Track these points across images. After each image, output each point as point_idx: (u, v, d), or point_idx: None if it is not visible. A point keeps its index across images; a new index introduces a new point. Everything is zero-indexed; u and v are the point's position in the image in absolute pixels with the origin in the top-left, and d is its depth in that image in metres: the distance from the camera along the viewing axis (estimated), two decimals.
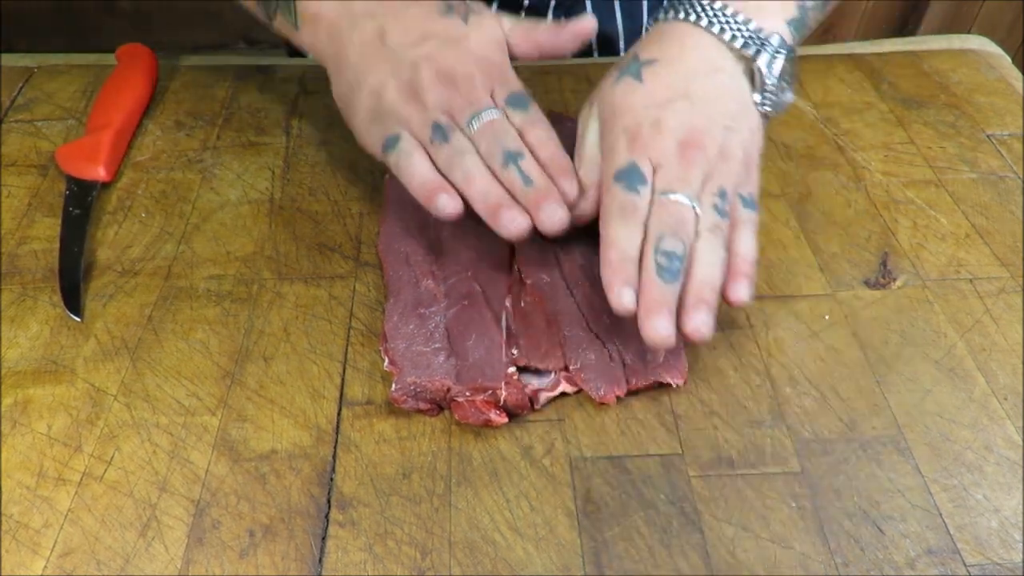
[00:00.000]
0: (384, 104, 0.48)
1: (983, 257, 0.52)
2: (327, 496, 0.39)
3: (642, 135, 0.46)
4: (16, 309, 0.48)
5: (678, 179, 0.45)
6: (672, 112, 0.47)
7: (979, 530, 0.38)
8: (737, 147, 0.47)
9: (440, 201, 0.45)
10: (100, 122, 0.58)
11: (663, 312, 0.41)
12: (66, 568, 0.37)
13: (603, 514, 0.39)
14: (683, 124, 0.46)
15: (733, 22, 0.48)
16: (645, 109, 0.47)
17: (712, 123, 0.47)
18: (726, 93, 0.48)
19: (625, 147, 0.46)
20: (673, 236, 0.43)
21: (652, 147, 0.46)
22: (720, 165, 0.46)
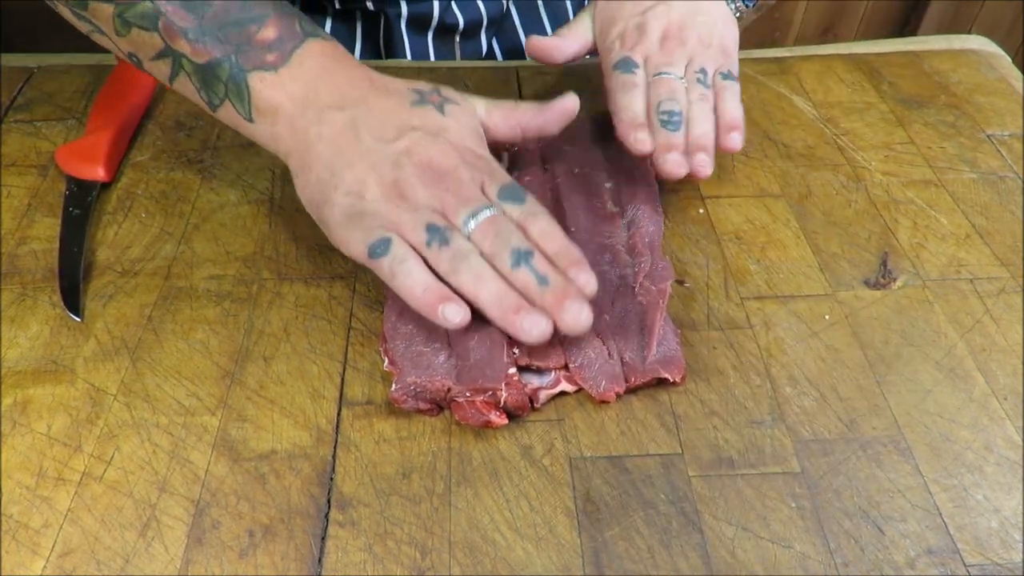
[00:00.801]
0: (366, 205, 0.44)
1: (983, 257, 0.52)
2: (327, 496, 0.39)
3: (630, 36, 0.57)
4: (16, 309, 0.48)
5: (664, 64, 0.55)
6: (653, 15, 0.57)
7: (979, 530, 0.38)
8: (713, 34, 0.57)
9: (448, 311, 0.42)
10: (100, 122, 0.58)
11: (674, 151, 0.50)
12: (66, 568, 0.37)
13: (603, 514, 0.39)
14: (662, 24, 0.57)
15: None
16: (631, 16, 0.57)
17: (687, 18, 0.57)
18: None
19: (619, 48, 0.56)
20: (670, 99, 0.53)
21: (639, 44, 0.56)
22: (699, 50, 0.56)
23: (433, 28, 0.73)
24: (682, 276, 0.50)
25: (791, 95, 0.65)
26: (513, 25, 0.77)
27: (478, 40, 0.76)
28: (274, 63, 0.46)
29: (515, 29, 0.77)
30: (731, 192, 0.56)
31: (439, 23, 0.72)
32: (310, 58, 0.47)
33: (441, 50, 0.75)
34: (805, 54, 0.70)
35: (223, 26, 0.45)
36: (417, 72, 0.67)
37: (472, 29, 0.74)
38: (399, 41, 0.72)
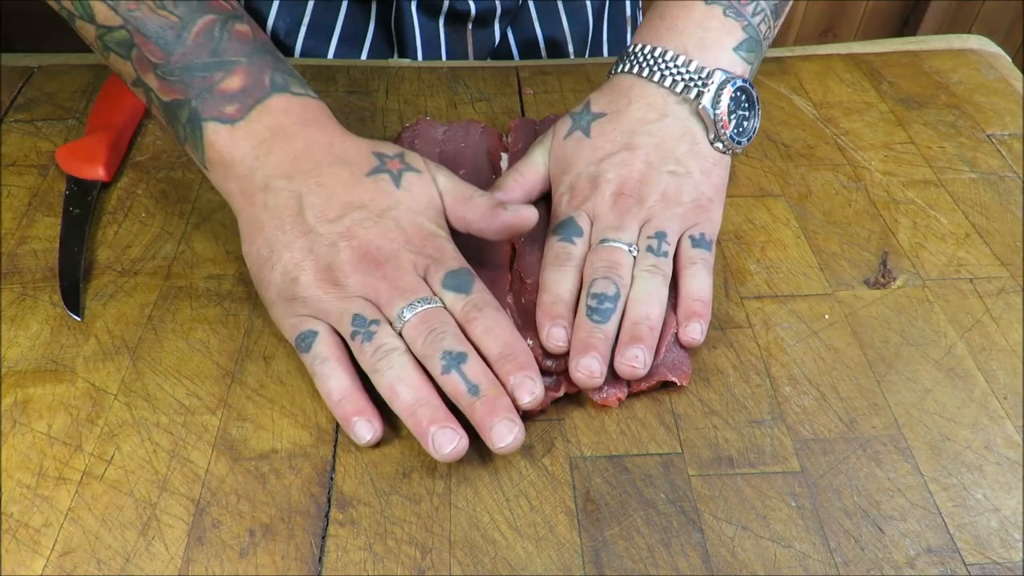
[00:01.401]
0: (298, 290, 0.43)
1: (983, 257, 0.52)
2: (327, 495, 0.40)
3: (581, 190, 0.49)
4: (16, 309, 0.48)
5: (612, 227, 0.47)
6: (610, 164, 0.49)
7: (979, 529, 0.38)
8: (684, 190, 0.48)
9: (357, 428, 0.40)
10: (100, 122, 0.58)
11: (590, 352, 0.41)
12: (66, 567, 0.37)
13: (603, 513, 0.39)
14: (619, 175, 0.48)
15: (673, 67, 0.50)
16: (587, 165, 0.50)
17: (652, 170, 0.48)
18: (671, 138, 0.49)
19: (566, 203, 0.49)
20: (604, 279, 0.44)
21: (589, 200, 0.48)
22: (661, 210, 0.48)
23: (444, 14, 0.72)
24: None
25: (791, 95, 0.65)
26: (529, 17, 0.76)
27: (491, 30, 0.75)
28: (232, 116, 0.44)
29: (531, 22, 0.76)
30: (731, 192, 0.56)
31: (449, 9, 0.71)
32: (270, 115, 0.45)
33: (452, 37, 0.74)
34: (805, 54, 0.70)
35: (189, 68, 0.44)
36: (417, 72, 0.67)
37: (485, 18, 0.73)
38: (410, 26, 0.72)
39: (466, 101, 0.64)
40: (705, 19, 0.51)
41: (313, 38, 0.73)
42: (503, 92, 0.65)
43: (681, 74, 0.49)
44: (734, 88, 0.49)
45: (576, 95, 0.65)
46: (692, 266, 0.46)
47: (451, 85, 0.66)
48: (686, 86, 0.49)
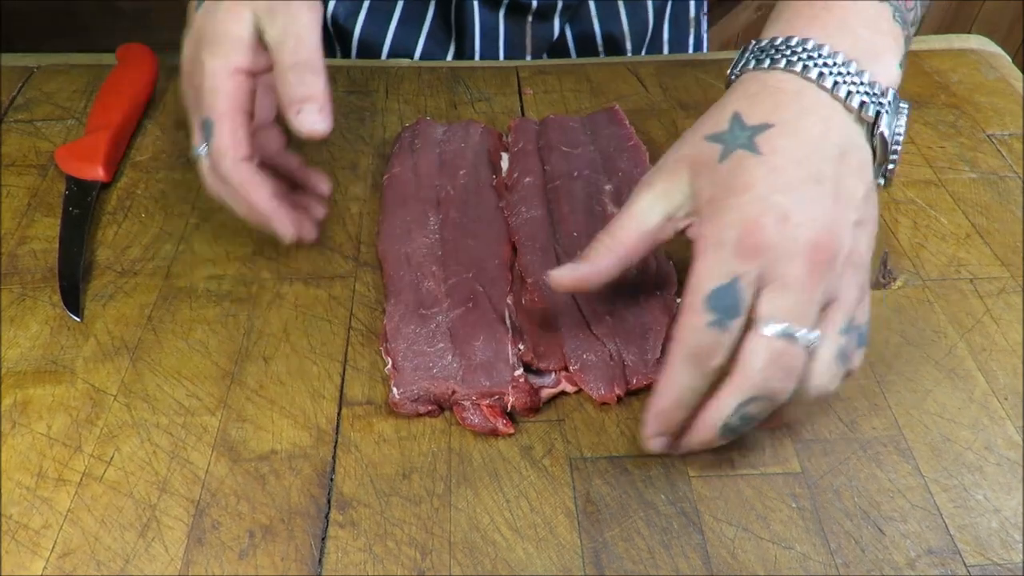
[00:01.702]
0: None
1: (983, 257, 0.52)
2: (327, 496, 0.39)
3: (762, 233, 0.35)
4: (16, 309, 0.48)
5: (798, 309, 0.35)
6: (800, 201, 0.36)
7: (979, 530, 0.38)
8: (865, 250, 0.38)
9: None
10: (100, 122, 0.58)
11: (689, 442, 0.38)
12: (66, 568, 0.37)
13: (603, 514, 0.39)
14: (813, 220, 0.36)
15: (847, 74, 0.38)
16: (770, 193, 0.36)
17: (842, 217, 0.37)
18: (853, 170, 0.38)
19: (732, 250, 0.35)
20: (767, 398, 0.35)
21: (771, 252, 0.35)
22: (848, 282, 0.37)
23: (505, 6, 0.72)
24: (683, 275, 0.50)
25: None
26: (588, 13, 0.75)
27: (551, 24, 0.74)
28: None
29: (590, 17, 0.75)
30: None
31: (511, 1, 0.71)
32: None
33: (512, 30, 0.74)
34: None
35: None
36: (417, 72, 0.67)
37: (546, 11, 0.73)
38: (470, 16, 0.72)
39: (466, 101, 0.64)
40: (877, 20, 0.40)
41: (373, 22, 0.73)
42: (503, 92, 0.65)
43: (857, 86, 0.38)
44: (907, 113, 0.40)
45: (576, 95, 0.65)
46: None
47: (451, 85, 0.66)
48: (864, 102, 0.38)
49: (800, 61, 0.39)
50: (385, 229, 0.51)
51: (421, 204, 0.52)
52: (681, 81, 0.66)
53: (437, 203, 0.52)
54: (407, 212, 0.51)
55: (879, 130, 0.39)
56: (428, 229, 0.50)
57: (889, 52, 0.40)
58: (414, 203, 0.52)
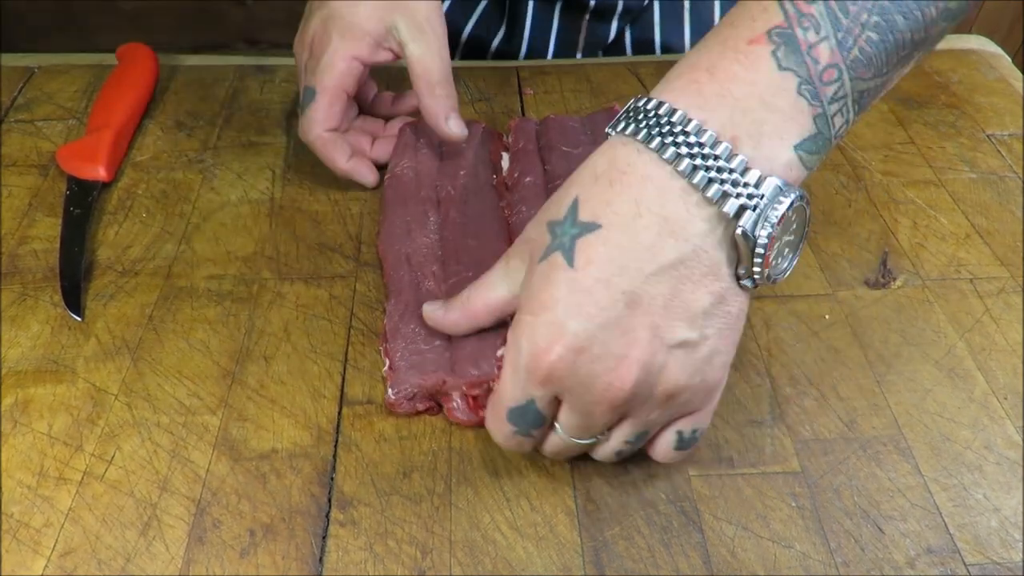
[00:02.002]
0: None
1: (983, 257, 0.52)
2: (327, 495, 0.40)
3: (551, 363, 0.34)
4: (17, 309, 0.48)
5: (583, 428, 0.37)
6: (601, 333, 0.34)
7: (979, 529, 0.38)
8: (691, 372, 0.35)
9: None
10: (100, 122, 0.58)
11: None
12: (67, 567, 0.37)
13: (603, 513, 0.39)
14: (612, 354, 0.34)
15: (712, 158, 0.33)
16: (566, 321, 0.34)
17: (656, 347, 0.34)
18: (691, 283, 0.34)
19: (525, 374, 0.35)
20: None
21: (561, 382, 0.35)
22: (655, 407, 0.36)
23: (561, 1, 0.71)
24: None
25: None
26: (651, 18, 0.74)
27: (608, 25, 0.73)
28: None
29: (652, 23, 0.74)
30: None
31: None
32: None
33: (566, 26, 0.73)
34: None
35: None
36: None
37: (604, 12, 0.72)
38: (523, 6, 0.71)
39: (466, 101, 0.64)
40: (772, 93, 0.34)
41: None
42: (503, 92, 0.65)
43: (721, 172, 0.33)
44: (790, 206, 0.34)
45: (576, 95, 0.65)
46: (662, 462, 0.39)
47: None
48: (725, 193, 0.33)
49: (659, 136, 0.34)
50: (385, 229, 0.51)
51: (421, 204, 0.52)
52: None
53: (437, 203, 0.52)
54: (407, 212, 0.51)
55: (738, 226, 0.33)
56: (428, 229, 0.50)
57: (782, 132, 0.34)
58: (414, 203, 0.52)
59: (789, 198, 0.34)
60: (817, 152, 0.35)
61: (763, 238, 0.34)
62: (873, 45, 0.34)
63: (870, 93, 0.36)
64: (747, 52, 0.34)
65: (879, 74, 0.35)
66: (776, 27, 0.34)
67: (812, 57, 0.34)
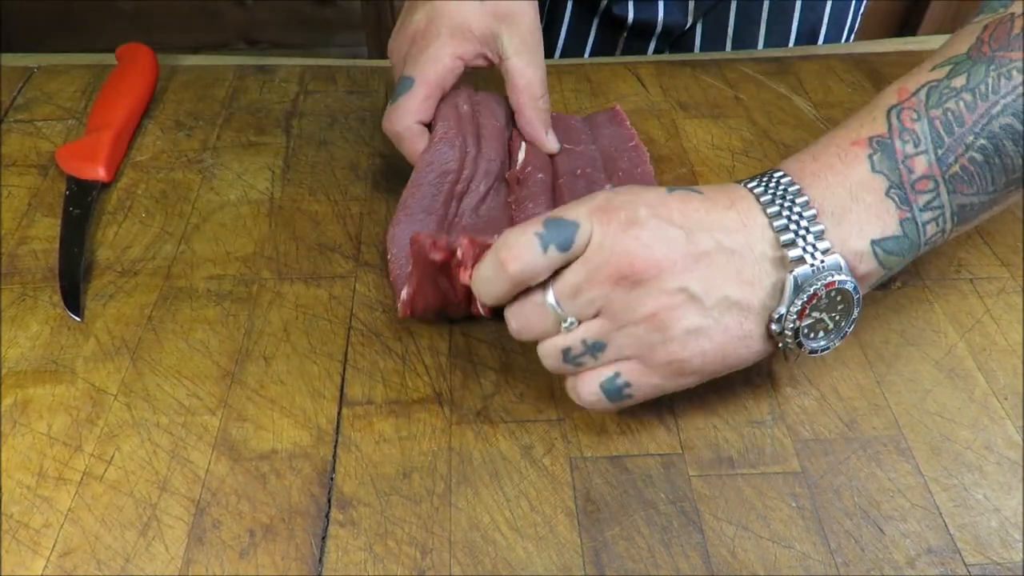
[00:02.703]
0: None
1: (983, 257, 0.52)
2: (327, 496, 0.39)
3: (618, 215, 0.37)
4: (16, 309, 0.48)
5: (575, 289, 0.38)
6: (658, 233, 0.37)
7: (979, 530, 0.38)
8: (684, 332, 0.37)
9: None
10: (100, 122, 0.58)
11: None
12: (66, 568, 0.37)
13: (603, 514, 0.39)
14: (653, 241, 0.37)
15: (797, 212, 0.38)
16: (658, 210, 0.38)
17: (691, 279, 0.37)
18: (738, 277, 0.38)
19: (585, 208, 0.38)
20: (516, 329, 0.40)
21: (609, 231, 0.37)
22: (631, 322, 0.37)
23: (599, 15, 0.71)
24: None
25: (791, 95, 0.65)
26: (693, 40, 0.73)
27: (647, 44, 0.73)
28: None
29: (692, 46, 0.74)
30: None
31: (605, 11, 0.70)
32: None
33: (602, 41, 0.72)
34: (805, 54, 0.70)
35: None
36: None
37: (643, 30, 0.71)
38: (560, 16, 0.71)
39: None
40: (861, 189, 0.38)
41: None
42: (503, 91, 0.65)
43: (800, 226, 0.38)
44: (836, 287, 0.37)
45: (576, 95, 0.65)
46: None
47: None
48: (795, 241, 0.37)
49: (762, 184, 0.39)
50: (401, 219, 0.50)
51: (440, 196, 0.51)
52: (681, 81, 0.66)
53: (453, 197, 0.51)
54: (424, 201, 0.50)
55: (791, 271, 0.37)
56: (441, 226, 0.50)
57: (863, 224, 0.38)
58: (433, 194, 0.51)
59: (845, 278, 0.38)
60: (898, 254, 0.39)
61: (807, 292, 0.37)
62: (976, 165, 0.38)
63: (973, 208, 0.39)
64: (847, 151, 0.39)
65: (983, 191, 0.39)
66: (878, 136, 0.39)
67: (907, 166, 0.38)
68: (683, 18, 0.72)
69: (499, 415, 0.43)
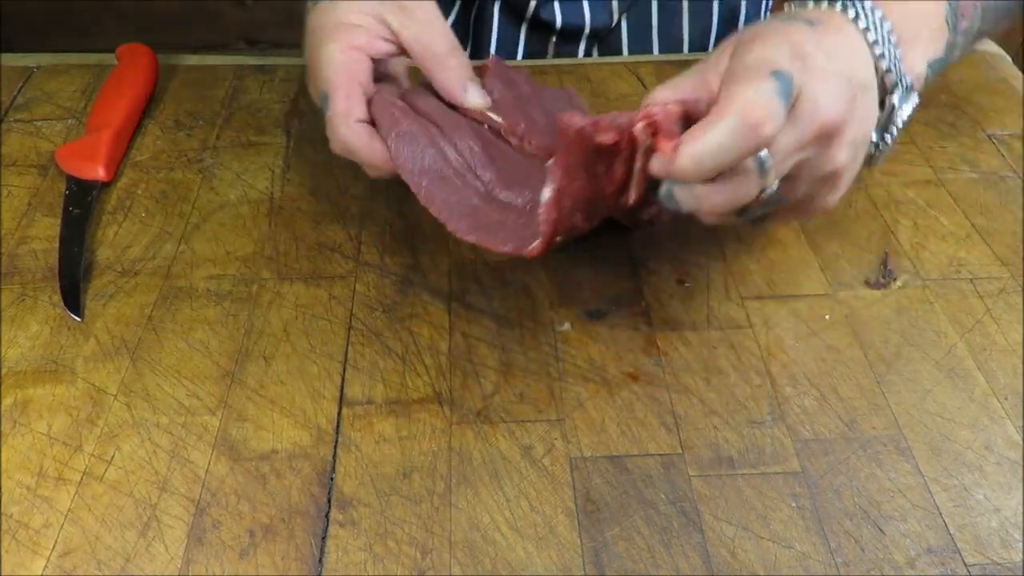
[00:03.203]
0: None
1: (983, 257, 0.52)
2: (327, 496, 0.39)
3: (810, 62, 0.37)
4: (16, 309, 0.48)
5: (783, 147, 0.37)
6: (836, 80, 0.38)
7: (979, 530, 0.38)
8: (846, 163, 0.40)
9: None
10: (100, 122, 0.58)
11: None
12: (66, 568, 0.37)
13: (603, 514, 0.39)
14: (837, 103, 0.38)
15: (887, 39, 0.41)
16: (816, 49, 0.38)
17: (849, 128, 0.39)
18: (870, 111, 0.41)
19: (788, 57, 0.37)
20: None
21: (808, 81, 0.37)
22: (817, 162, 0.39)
23: (527, 20, 0.70)
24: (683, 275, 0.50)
25: None
26: (619, 40, 0.73)
27: (576, 47, 0.73)
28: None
29: (620, 44, 0.74)
30: None
31: (534, 16, 0.69)
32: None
33: (533, 47, 0.72)
34: None
35: None
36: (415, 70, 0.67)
37: (571, 33, 0.71)
38: (488, 26, 0.70)
39: None
40: (929, 15, 0.43)
41: None
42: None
43: (891, 52, 0.41)
44: (914, 107, 0.42)
45: None
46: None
47: None
48: (890, 68, 0.41)
49: (853, 7, 0.40)
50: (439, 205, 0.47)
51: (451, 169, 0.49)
52: None
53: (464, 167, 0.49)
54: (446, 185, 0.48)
55: (891, 98, 0.41)
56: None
57: (923, 48, 0.42)
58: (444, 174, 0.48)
59: (917, 100, 0.42)
60: (935, 75, 0.44)
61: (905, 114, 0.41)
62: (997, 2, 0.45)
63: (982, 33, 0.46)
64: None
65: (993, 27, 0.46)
66: None
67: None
68: (608, 17, 0.72)
69: (499, 415, 0.43)
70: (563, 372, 0.45)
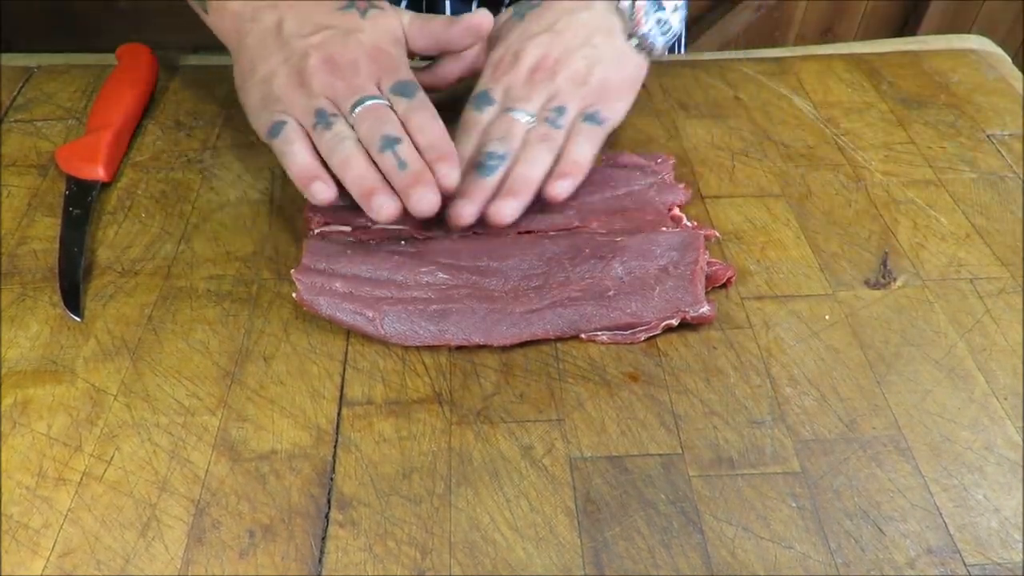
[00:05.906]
0: (272, 90, 0.50)
1: (983, 257, 0.52)
2: (327, 496, 0.39)
3: (504, 63, 0.53)
4: (16, 309, 0.48)
5: (519, 99, 0.51)
6: (533, 44, 0.53)
7: (979, 530, 0.38)
8: (593, 73, 0.53)
9: (314, 188, 0.47)
10: (100, 122, 0.58)
11: (465, 197, 0.48)
12: (66, 568, 0.37)
13: (603, 514, 0.39)
14: (538, 54, 0.53)
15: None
16: (515, 41, 0.54)
17: (568, 52, 0.53)
18: (589, 26, 0.54)
19: (488, 77, 0.53)
20: (497, 141, 0.50)
21: (507, 74, 0.53)
22: (567, 88, 0.52)
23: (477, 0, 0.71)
24: None
25: (791, 95, 0.65)
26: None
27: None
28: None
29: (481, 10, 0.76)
30: (731, 192, 0.56)
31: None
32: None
33: None
34: (805, 54, 0.70)
35: None
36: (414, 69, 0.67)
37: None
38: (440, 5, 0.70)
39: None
40: None
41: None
42: None
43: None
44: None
45: None
46: (579, 135, 0.51)
47: None
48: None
49: None
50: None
51: None
52: (681, 81, 0.66)
53: None
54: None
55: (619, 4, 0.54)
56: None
57: None
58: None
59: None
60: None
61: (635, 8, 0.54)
62: None
63: None
64: None
65: None
66: None
67: None
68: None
69: (499, 415, 0.43)
70: (563, 372, 0.45)
